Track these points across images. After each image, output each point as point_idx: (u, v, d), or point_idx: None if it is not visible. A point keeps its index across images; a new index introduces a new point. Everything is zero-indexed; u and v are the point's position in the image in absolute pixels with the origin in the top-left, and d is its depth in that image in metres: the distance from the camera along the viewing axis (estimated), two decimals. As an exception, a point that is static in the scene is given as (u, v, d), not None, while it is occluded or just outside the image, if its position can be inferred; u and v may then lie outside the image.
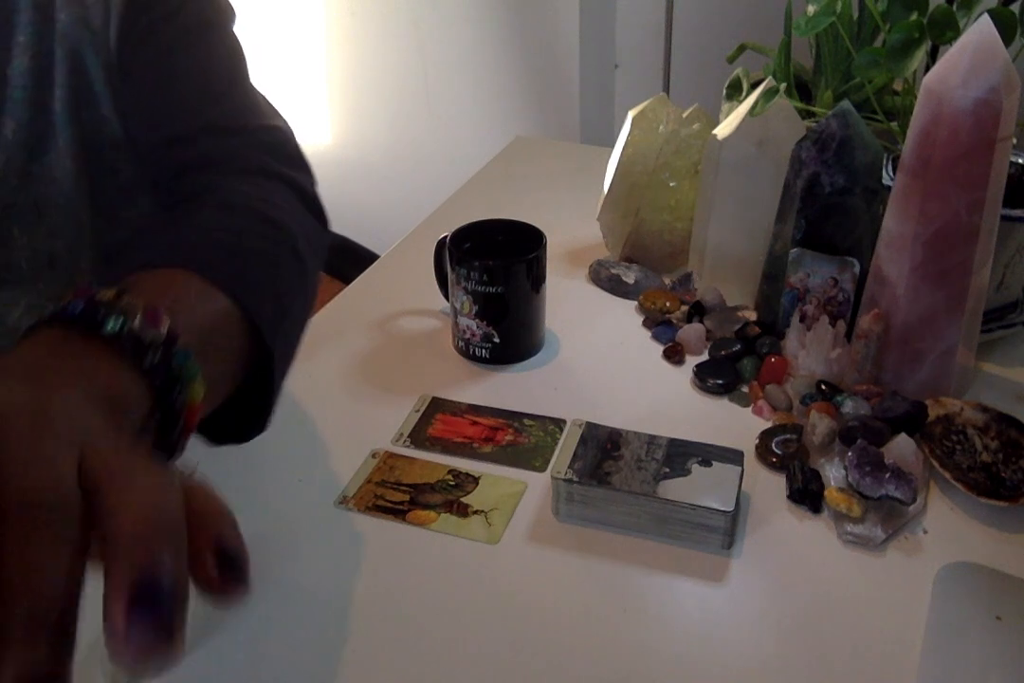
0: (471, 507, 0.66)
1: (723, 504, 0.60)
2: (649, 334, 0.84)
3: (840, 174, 0.73)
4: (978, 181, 0.64)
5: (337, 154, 2.23)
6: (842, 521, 0.63)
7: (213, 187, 0.62)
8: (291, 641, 0.57)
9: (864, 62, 0.75)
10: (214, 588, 0.32)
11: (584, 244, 0.98)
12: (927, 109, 0.64)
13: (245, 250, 0.56)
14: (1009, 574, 0.59)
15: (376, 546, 0.63)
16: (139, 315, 0.41)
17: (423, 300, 0.89)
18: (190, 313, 0.47)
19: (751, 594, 0.59)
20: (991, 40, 0.61)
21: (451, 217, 0.85)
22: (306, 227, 0.65)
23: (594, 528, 0.64)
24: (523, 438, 0.72)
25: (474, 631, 0.57)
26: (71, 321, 0.41)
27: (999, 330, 0.79)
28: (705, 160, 0.84)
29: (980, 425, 0.69)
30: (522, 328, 0.80)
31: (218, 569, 0.32)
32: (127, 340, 0.41)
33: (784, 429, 0.71)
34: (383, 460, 0.70)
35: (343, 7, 2.01)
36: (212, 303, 0.50)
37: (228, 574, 0.32)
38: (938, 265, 0.68)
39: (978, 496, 0.63)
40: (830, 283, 0.75)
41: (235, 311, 0.51)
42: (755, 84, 0.82)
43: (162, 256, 0.52)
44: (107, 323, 0.41)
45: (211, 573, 0.32)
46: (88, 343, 0.40)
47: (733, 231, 0.84)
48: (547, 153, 1.24)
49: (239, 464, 0.71)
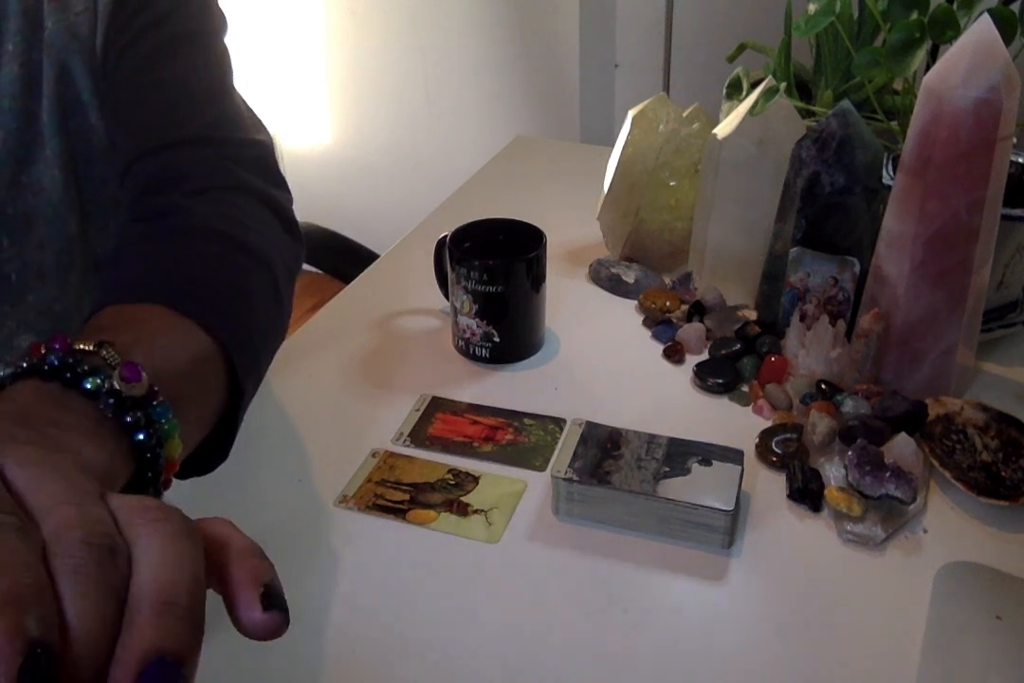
0: (471, 506, 0.66)
1: (723, 503, 0.60)
2: (649, 333, 0.84)
3: (840, 174, 0.73)
4: (978, 181, 0.64)
5: (337, 154, 2.23)
6: (842, 520, 0.63)
7: (186, 208, 0.61)
8: (291, 641, 0.56)
9: (864, 62, 0.75)
10: (260, 628, 0.31)
11: (584, 244, 0.98)
12: (927, 109, 0.64)
13: (223, 283, 0.56)
14: (1009, 574, 0.59)
15: (376, 545, 0.63)
16: (118, 371, 0.41)
17: (423, 300, 0.89)
18: (169, 358, 0.47)
19: (751, 593, 0.59)
20: (991, 39, 0.61)
21: (451, 217, 0.85)
22: (283, 250, 0.64)
23: (594, 527, 0.64)
24: (523, 437, 0.72)
25: (474, 630, 0.57)
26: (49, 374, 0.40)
27: (999, 330, 0.80)
28: (705, 160, 0.84)
29: (980, 424, 0.69)
30: (522, 327, 0.80)
31: (262, 608, 0.32)
32: (107, 396, 0.40)
33: (784, 428, 0.71)
34: (383, 459, 0.70)
35: (343, 6, 2.01)
36: (191, 344, 0.50)
37: (273, 611, 0.32)
38: (938, 265, 0.68)
39: (978, 495, 0.63)
40: (830, 283, 0.75)
41: (213, 350, 0.51)
42: (755, 83, 0.82)
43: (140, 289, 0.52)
44: (86, 381, 0.40)
45: (255, 615, 0.31)
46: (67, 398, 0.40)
47: (733, 231, 0.84)
48: (547, 153, 1.24)
49: (239, 464, 0.71)
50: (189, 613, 0.30)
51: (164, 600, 0.29)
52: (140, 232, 0.60)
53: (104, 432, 0.40)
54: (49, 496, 0.32)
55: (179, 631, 0.29)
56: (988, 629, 0.55)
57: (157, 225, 0.60)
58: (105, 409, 0.40)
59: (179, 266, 0.56)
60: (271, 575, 0.33)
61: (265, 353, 0.58)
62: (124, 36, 0.63)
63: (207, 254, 0.58)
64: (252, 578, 0.32)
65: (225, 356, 0.52)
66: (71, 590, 0.29)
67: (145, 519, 0.32)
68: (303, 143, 2.24)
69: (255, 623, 0.31)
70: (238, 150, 0.67)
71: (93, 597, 0.29)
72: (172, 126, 0.65)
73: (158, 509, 0.32)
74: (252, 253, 0.60)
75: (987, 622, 0.55)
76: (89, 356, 0.42)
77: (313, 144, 2.24)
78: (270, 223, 0.65)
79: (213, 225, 0.60)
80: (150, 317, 0.50)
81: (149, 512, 0.32)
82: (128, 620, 0.29)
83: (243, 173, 0.65)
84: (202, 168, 0.64)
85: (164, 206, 0.61)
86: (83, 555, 0.30)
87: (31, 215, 0.65)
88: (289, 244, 0.66)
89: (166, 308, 0.50)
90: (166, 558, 0.31)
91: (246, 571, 0.32)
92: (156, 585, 0.30)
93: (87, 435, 0.39)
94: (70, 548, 0.30)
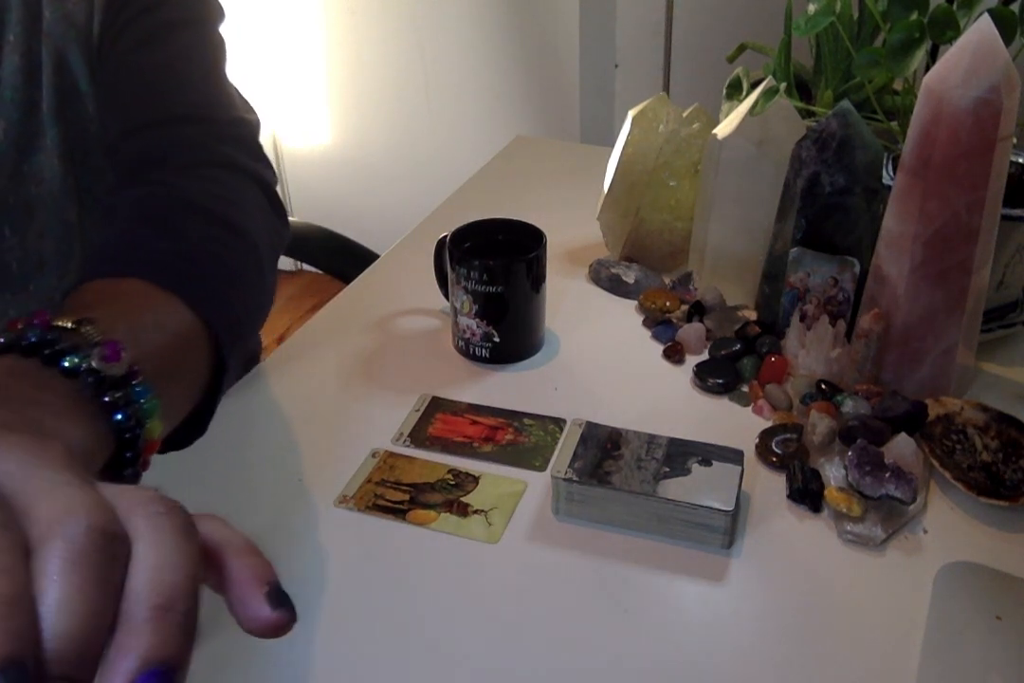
0: (471, 506, 0.66)
1: (723, 504, 0.60)
2: (649, 334, 0.84)
3: (840, 174, 0.73)
4: (978, 181, 0.64)
5: (337, 154, 2.23)
6: (842, 521, 0.63)
7: (171, 184, 0.60)
8: (290, 641, 0.56)
9: (864, 62, 0.75)
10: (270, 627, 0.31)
11: (584, 244, 0.98)
12: (927, 109, 0.64)
13: (206, 259, 0.55)
14: (1009, 574, 0.59)
15: (376, 546, 0.63)
16: (97, 349, 0.40)
17: (423, 300, 0.89)
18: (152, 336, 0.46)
19: (751, 594, 0.59)
20: (991, 39, 0.61)
21: (451, 217, 0.85)
22: (268, 227, 0.64)
23: (594, 527, 0.64)
24: (523, 437, 0.72)
25: (474, 630, 0.57)
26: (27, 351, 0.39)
27: (999, 330, 0.80)
28: (705, 160, 0.84)
29: (980, 424, 0.69)
30: (522, 328, 0.80)
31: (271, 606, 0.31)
32: (86, 375, 0.39)
33: (784, 429, 0.71)
34: (383, 459, 0.70)
35: (343, 6, 2.01)
36: (174, 322, 0.49)
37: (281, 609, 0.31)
38: (938, 265, 0.68)
39: (978, 496, 0.63)
40: (830, 283, 0.75)
41: (197, 327, 0.50)
42: (755, 84, 0.82)
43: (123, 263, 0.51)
44: (64, 359, 0.39)
45: (264, 614, 0.30)
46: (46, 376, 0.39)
47: (733, 231, 0.84)
48: (547, 153, 1.24)
49: (239, 464, 0.71)
50: (186, 618, 0.29)
51: (162, 604, 0.28)
52: (125, 208, 0.60)
53: (82, 412, 0.39)
54: (41, 483, 0.30)
55: (175, 638, 0.28)
56: (988, 629, 0.55)
57: (142, 201, 0.60)
58: (84, 389, 0.39)
59: (162, 241, 0.55)
60: (273, 573, 0.32)
61: (249, 329, 0.58)
62: (118, 22, 0.63)
63: (191, 229, 0.57)
64: (255, 577, 0.31)
65: (209, 333, 0.51)
66: (66, 582, 0.27)
67: (147, 512, 0.30)
68: (303, 143, 2.24)
69: (264, 622, 0.31)
70: (224, 128, 0.66)
71: (89, 592, 0.27)
72: (158, 105, 0.64)
73: (160, 502, 0.31)
74: (236, 229, 0.59)
75: (987, 622, 0.55)
76: (68, 334, 0.41)
77: (313, 144, 2.24)
78: (256, 199, 0.65)
79: (198, 201, 0.59)
80: (132, 292, 0.49)
81: (151, 505, 0.31)
82: (124, 620, 0.28)
83: (229, 150, 0.65)
84: (187, 145, 0.64)
85: (149, 183, 0.61)
86: (84, 542, 0.28)
87: (32, 204, 0.66)
88: (274, 221, 0.66)
89: (148, 282, 0.49)
90: (167, 558, 0.29)
91: (248, 570, 0.31)
92: (156, 587, 0.29)
93: (65, 415, 0.38)
94: (70, 532, 0.28)
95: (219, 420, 0.61)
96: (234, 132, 0.67)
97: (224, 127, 0.66)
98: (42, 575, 0.27)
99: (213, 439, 0.72)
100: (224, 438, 0.72)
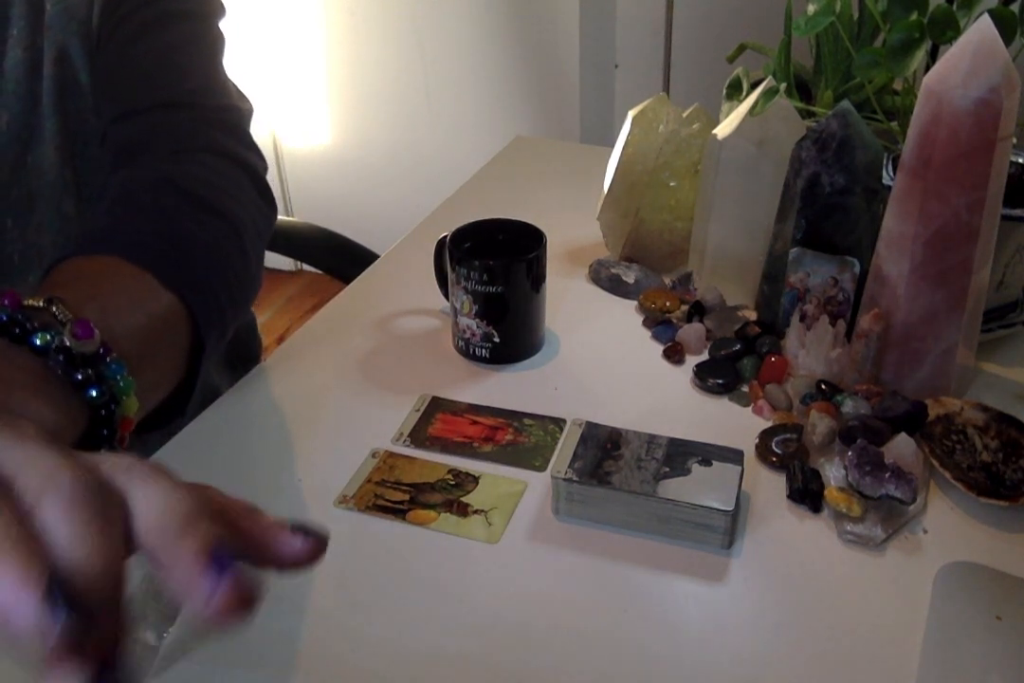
0: (471, 506, 0.66)
1: (723, 504, 0.60)
2: (649, 334, 0.84)
3: (840, 174, 0.73)
4: (978, 181, 0.64)
5: (337, 154, 2.23)
6: (842, 521, 0.63)
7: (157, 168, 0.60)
8: (290, 641, 0.56)
9: (864, 62, 0.75)
10: (306, 553, 0.32)
11: (584, 244, 0.98)
12: (927, 109, 0.64)
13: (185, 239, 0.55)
14: (1009, 574, 0.59)
15: (376, 546, 0.63)
16: (68, 327, 0.40)
17: (423, 300, 0.89)
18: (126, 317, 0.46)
19: (751, 594, 0.59)
20: (991, 40, 0.61)
21: (451, 217, 0.85)
22: (254, 212, 0.64)
23: (594, 527, 0.64)
24: (523, 438, 0.72)
25: (474, 630, 0.57)
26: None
27: (999, 330, 0.80)
28: (705, 160, 0.84)
29: (980, 425, 0.69)
30: (522, 328, 0.80)
31: (302, 535, 0.32)
32: (56, 353, 0.39)
33: (784, 429, 0.71)
34: (383, 460, 0.70)
35: (343, 6, 2.01)
36: (150, 303, 0.49)
37: (311, 537, 0.33)
38: (938, 265, 0.68)
39: (978, 496, 0.63)
40: (830, 283, 0.75)
41: (176, 309, 0.50)
42: (755, 84, 0.82)
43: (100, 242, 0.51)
44: (35, 337, 0.39)
45: (298, 544, 0.32)
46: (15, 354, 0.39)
47: (733, 231, 0.84)
48: (547, 153, 1.24)
49: (240, 464, 0.71)
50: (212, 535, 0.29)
51: (182, 524, 0.29)
52: (109, 190, 0.60)
53: (52, 389, 0.39)
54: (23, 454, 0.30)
55: (216, 534, 0.29)
56: (988, 629, 0.55)
57: (126, 184, 0.60)
58: (55, 366, 0.39)
59: (142, 221, 0.55)
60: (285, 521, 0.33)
61: (232, 312, 0.58)
62: (118, 14, 0.64)
63: (172, 210, 0.57)
64: (274, 522, 0.32)
65: (189, 313, 0.51)
66: (72, 520, 0.28)
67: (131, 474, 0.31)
68: (303, 143, 2.24)
69: (299, 550, 0.32)
70: (214, 114, 0.67)
71: (98, 525, 0.28)
72: (150, 91, 0.65)
73: (143, 464, 0.31)
74: (219, 212, 0.59)
75: (987, 622, 0.55)
76: (39, 312, 0.41)
77: (313, 144, 2.24)
78: (243, 185, 0.65)
79: (182, 184, 0.60)
80: (108, 272, 0.49)
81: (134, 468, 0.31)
82: (155, 555, 0.29)
83: (218, 135, 0.65)
84: (177, 130, 0.64)
85: (136, 166, 0.61)
86: (77, 489, 0.28)
87: (34, 196, 0.66)
88: (261, 207, 0.66)
89: (124, 260, 0.49)
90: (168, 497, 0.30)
91: (263, 519, 0.32)
92: (171, 515, 0.29)
93: (34, 392, 0.38)
94: (61, 484, 0.28)
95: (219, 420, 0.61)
96: (224, 118, 0.67)
97: (214, 113, 0.67)
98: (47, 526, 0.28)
99: (213, 439, 0.72)
100: (224, 438, 0.72)
